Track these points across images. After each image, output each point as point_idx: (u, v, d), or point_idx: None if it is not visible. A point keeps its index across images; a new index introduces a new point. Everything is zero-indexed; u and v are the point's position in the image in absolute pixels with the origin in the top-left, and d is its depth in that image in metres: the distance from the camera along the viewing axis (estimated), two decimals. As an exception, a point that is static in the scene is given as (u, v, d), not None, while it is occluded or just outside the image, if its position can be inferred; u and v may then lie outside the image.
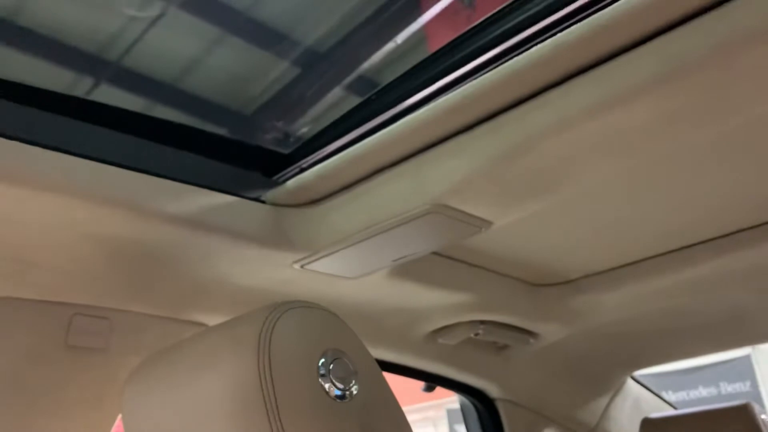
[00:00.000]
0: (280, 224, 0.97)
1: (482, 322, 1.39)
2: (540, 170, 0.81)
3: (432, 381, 1.55)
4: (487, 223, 0.94)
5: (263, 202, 0.97)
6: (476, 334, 1.40)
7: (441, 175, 0.85)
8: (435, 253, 1.18)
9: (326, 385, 0.69)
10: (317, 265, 1.02)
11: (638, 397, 1.93)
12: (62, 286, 0.92)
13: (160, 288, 0.99)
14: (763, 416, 1.50)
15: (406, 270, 1.13)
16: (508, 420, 1.63)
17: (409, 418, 0.76)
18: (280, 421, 0.64)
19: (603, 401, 1.84)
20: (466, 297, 1.28)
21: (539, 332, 1.49)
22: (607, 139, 0.76)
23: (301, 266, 1.01)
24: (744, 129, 0.87)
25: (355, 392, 0.71)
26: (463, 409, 1.71)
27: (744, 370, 7.33)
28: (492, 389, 1.62)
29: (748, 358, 7.32)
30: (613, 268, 1.35)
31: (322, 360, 0.70)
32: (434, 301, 1.26)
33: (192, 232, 0.89)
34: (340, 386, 0.70)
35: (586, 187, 0.98)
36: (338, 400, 0.68)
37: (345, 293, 1.14)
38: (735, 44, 0.65)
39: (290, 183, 0.95)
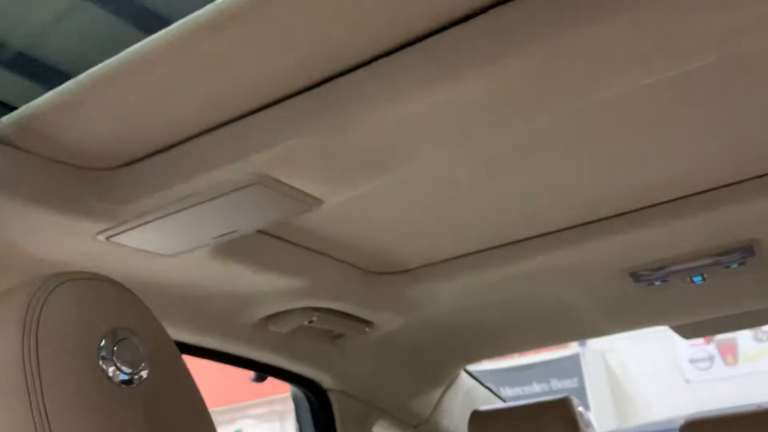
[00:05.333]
0: (79, 186, 0.85)
1: (316, 309, 1.34)
2: (371, 144, 0.77)
3: (262, 371, 1.48)
4: (317, 201, 0.88)
5: (67, 163, 0.85)
6: (310, 322, 1.35)
7: (266, 143, 0.78)
8: (263, 232, 1.10)
9: (109, 369, 0.60)
10: (126, 238, 0.91)
11: (470, 390, 1.97)
12: None
13: None
14: (579, 408, 1.60)
15: (232, 249, 1.05)
16: (340, 411, 1.59)
17: (255, 411, 0.69)
18: (45, 406, 0.55)
19: (436, 393, 1.86)
20: (298, 282, 1.22)
21: (375, 321, 1.47)
22: (439, 115, 0.74)
23: (107, 238, 0.90)
24: (577, 118, 0.87)
25: (144, 376, 0.63)
26: (295, 400, 1.66)
27: (573, 367, 7.90)
28: (325, 379, 1.58)
29: (576, 356, 7.90)
30: (448, 259, 1.35)
31: (105, 340, 0.61)
32: (264, 286, 1.18)
33: None
34: (126, 370, 0.61)
35: (420, 169, 0.96)
36: (123, 386, 0.60)
37: (162, 272, 1.04)
38: (564, 24, 0.64)
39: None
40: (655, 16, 0.63)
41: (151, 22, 0.86)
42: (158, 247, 0.95)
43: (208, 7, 0.67)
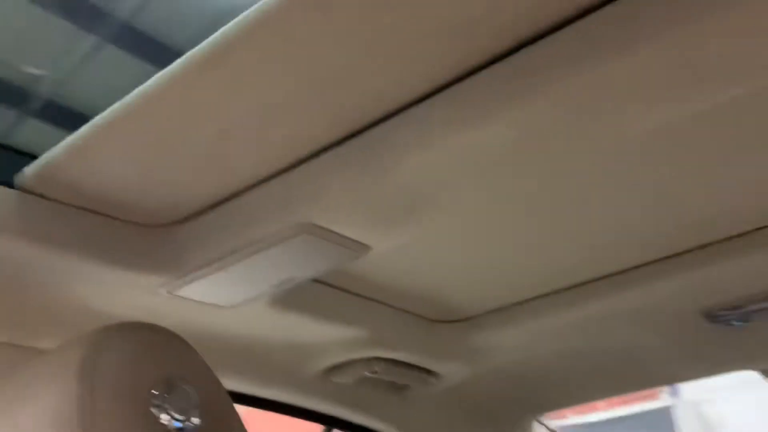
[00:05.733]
0: (143, 243, 0.90)
1: (379, 359, 1.34)
2: (408, 189, 0.79)
3: (326, 423, 1.48)
4: (365, 247, 0.90)
5: (124, 219, 0.90)
6: (373, 373, 1.34)
7: (309, 192, 0.81)
8: (320, 281, 1.12)
9: (161, 416, 0.63)
10: (187, 291, 0.95)
11: None
12: None
13: (7, 311, 0.90)
14: None
15: (290, 299, 1.07)
16: (408, 465, 1.56)
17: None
18: None
19: (508, 447, 1.79)
20: (359, 332, 1.22)
21: (440, 372, 1.45)
22: (471, 158, 0.75)
23: (169, 292, 0.94)
24: (633, 148, 0.86)
25: (196, 424, 0.65)
26: (362, 454, 1.63)
27: (664, 420, 7.46)
28: (392, 432, 1.56)
29: (668, 408, 7.47)
30: (510, 305, 1.32)
31: (158, 388, 0.64)
32: (324, 336, 1.20)
33: (42, 248, 0.82)
34: (179, 417, 0.64)
35: (469, 213, 0.96)
36: None
37: (222, 324, 1.07)
38: (587, 60, 0.65)
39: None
40: (679, 47, 0.63)
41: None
42: (217, 298, 0.98)
43: None
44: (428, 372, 1.44)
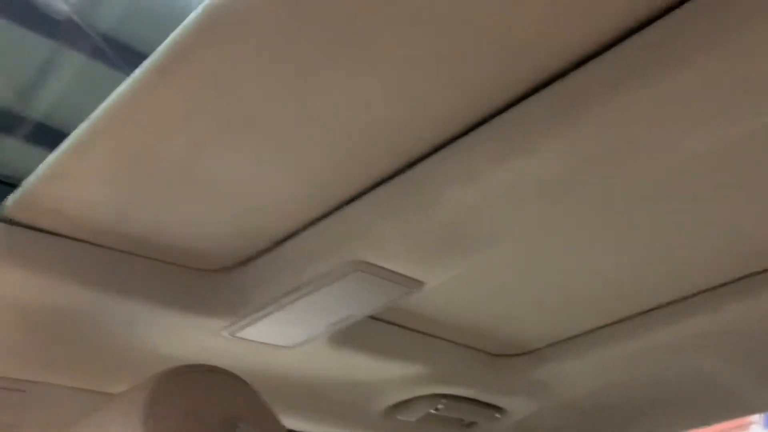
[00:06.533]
0: (204, 288, 0.93)
1: (442, 396, 1.33)
2: (457, 224, 0.79)
3: (394, 462, 1.46)
4: (418, 283, 0.90)
5: (187, 266, 0.93)
6: (436, 410, 1.33)
7: (359, 231, 0.82)
8: (378, 319, 1.13)
9: None
10: (248, 333, 0.97)
11: None
12: None
13: (79, 358, 0.95)
14: None
15: (348, 338, 1.08)
16: (479, 505, 1.52)
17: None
18: None
19: (586, 484, 1.73)
20: (419, 368, 1.22)
21: (506, 407, 1.42)
22: (517, 189, 0.75)
23: (231, 334, 0.97)
24: (674, 175, 0.84)
25: None
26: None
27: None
28: (461, 471, 1.53)
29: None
30: (575, 336, 1.29)
31: (220, 428, 0.66)
32: (384, 373, 1.20)
33: (108, 297, 0.86)
34: None
35: (519, 243, 0.95)
36: None
37: (283, 364, 1.09)
38: (630, 84, 0.64)
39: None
40: (727, 64, 0.61)
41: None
42: (277, 339, 1.01)
43: None
44: (494, 408, 1.41)
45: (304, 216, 0.86)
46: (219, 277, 0.94)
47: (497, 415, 1.42)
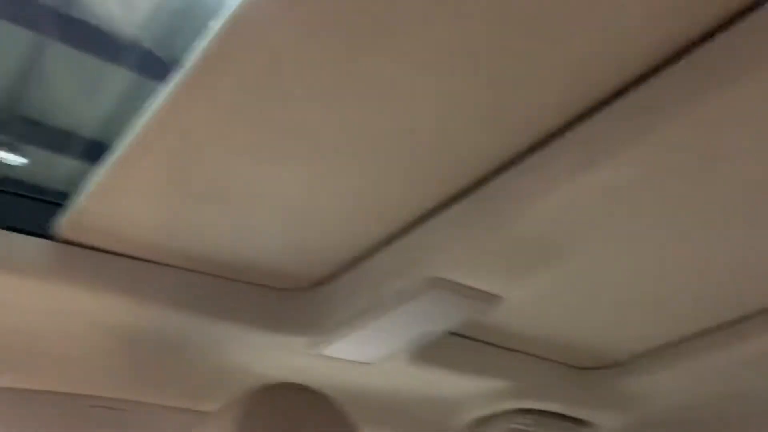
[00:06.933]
0: (288, 308, 0.96)
1: (526, 411, 1.31)
2: (534, 237, 0.79)
3: (480, 478, 1.45)
4: (497, 298, 0.90)
5: (270, 286, 0.97)
6: (520, 425, 1.31)
7: (436, 247, 0.83)
8: (459, 334, 1.13)
9: None
10: (332, 350, 1.00)
11: None
12: (76, 377, 0.94)
13: (175, 378, 1.00)
14: None
15: (429, 354, 1.09)
16: None
17: None
18: None
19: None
20: (501, 383, 1.21)
21: (593, 421, 1.39)
22: (599, 198, 0.73)
23: (315, 352, 0.99)
24: (755, 179, 0.81)
25: None
26: None
27: None
28: (549, 487, 1.50)
29: None
30: (664, 346, 1.25)
31: None
32: (466, 389, 1.20)
33: (201, 319, 0.90)
34: None
35: (600, 254, 0.93)
36: None
37: (367, 381, 1.11)
38: (710, 89, 0.62)
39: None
40: None
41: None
42: (359, 356, 1.02)
43: None
44: (581, 422, 1.38)
45: (381, 234, 0.87)
46: (302, 297, 0.97)
47: (584, 430, 1.39)
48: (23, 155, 6.11)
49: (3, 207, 0.84)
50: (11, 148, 6.09)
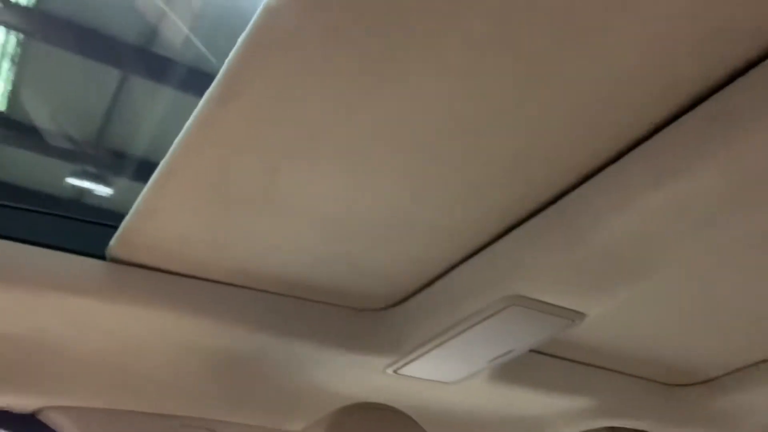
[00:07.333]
0: (367, 328, 0.97)
1: (614, 429, 1.27)
2: (614, 252, 0.76)
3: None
4: (579, 314, 0.88)
5: (348, 307, 0.98)
6: (609, 444, 1.28)
7: (512, 265, 0.82)
8: (539, 352, 1.11)
9: None
10: (410, 370, 1.00)
11: None
12: (166, 398, 0.97)
13: (261, 398, 1.02)
14: None
15: (509, 372, 1.08)
16: None
17: None
18: None
19: None
20: (587, 401, 1.18)
21: (685, 440, 1.33)
22: (679, 210, 0.71)
23: (394, 371, 1.00)
24: None
25: None
26: None
27: None
28: None
29: None
30: (756, 363, 1.19)
31: None
32: (550, 407, 1.17)
33: (285, 341, 0.92)
34: None
35: (686, 267, 0.90)
36: None
37: (446, 400, 1.10)
38: None
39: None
40: None
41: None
42: (439, 375, 1.02)
43: None
44: (672, 441, 1.33)
45: (457, 253, 0.87)
46: (380, 316, 0.97)
47: (675, 450, 1.33)
48: (109, 185, 6.44)
49: (75, 232, 0.87)
50: (99, 180, 6.44)
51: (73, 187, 6.62)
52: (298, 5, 0.54)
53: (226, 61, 0.60)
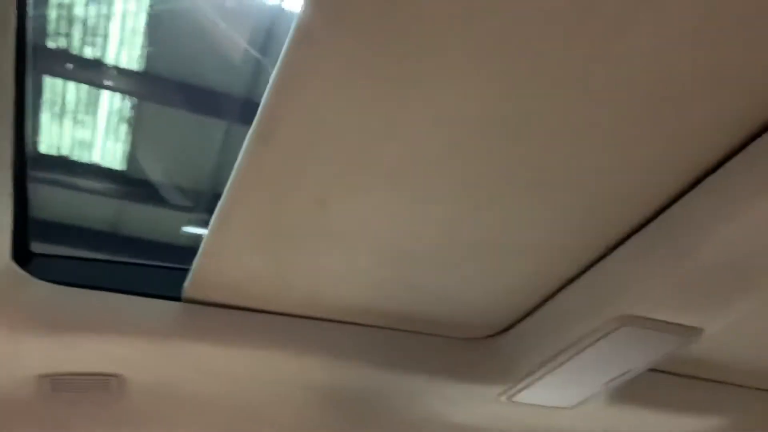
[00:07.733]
0: (475, 357, 0.97)
1: None
2: (726, 263, 0.73)
3: None
4: (696, 330, 0.85)
5: (452, 336, 0.99)
6: (745, 465, 1.20)
7: (619, 284, 0.80)
8: (659, 370, 1.07)
9: None
10: (524, 396, 0.99)
11: None
12: None
13: None
14: None
15: (629, 393, 1.04)
16: None
17: None
18: None
19: None
20: (713, 419, 1.12)
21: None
22: None
23: (508, 398, 0.99)
24: None
25: None
26: None
27: None
28: None
29: None
30: None
31: None
32: (675, 427, 1.12)
33: (397, 375, 0.94)
34: None
35: None
36: None
37: (564, 425, 1.08)
38: None
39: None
40: None
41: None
42: (554, 400, 1.00)
43: None
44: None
45: (561, 276, 0.86)
46: (487, 344, 0.97)
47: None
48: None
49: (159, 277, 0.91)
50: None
51: (189, 235, 6.97)
52: (323, 33, 0.55)
53: (262, 99, 0.61)
